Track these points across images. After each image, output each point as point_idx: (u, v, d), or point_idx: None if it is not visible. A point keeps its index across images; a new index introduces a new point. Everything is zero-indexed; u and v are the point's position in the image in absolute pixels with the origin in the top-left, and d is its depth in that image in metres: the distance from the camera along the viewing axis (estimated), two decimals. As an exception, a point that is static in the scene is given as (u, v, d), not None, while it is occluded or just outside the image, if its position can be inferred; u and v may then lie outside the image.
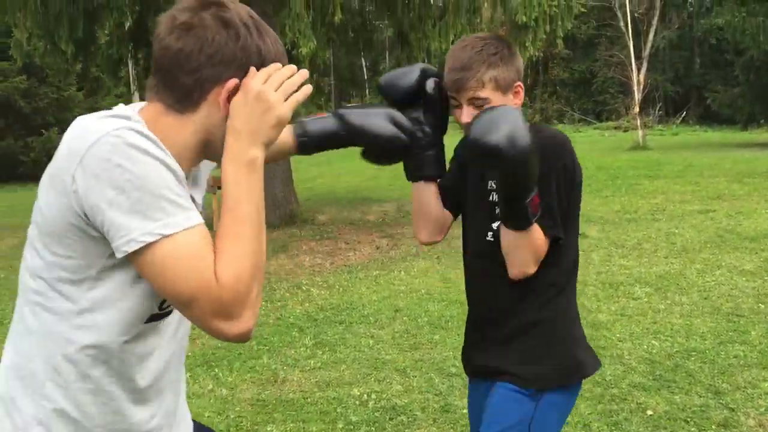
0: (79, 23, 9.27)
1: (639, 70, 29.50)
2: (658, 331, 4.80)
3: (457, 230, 2.10)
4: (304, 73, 1.19)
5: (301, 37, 8.38)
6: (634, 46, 26.27)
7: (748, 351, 4.32)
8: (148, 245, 1.00)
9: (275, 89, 1.14)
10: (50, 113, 23.18)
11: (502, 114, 1.58)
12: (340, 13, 8.63)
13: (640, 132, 22.73)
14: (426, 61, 11.14)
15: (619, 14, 34.09)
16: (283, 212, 10.03)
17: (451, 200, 1.97)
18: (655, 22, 39.11)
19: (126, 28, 10.69)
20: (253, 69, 1.14)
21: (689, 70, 41.95)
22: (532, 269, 1.74)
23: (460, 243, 7.07)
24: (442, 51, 10.48)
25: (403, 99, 1.80)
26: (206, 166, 1.36)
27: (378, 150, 1.61)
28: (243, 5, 1.17)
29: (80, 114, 1.19)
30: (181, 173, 1.08)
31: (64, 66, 11.46)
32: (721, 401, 3.65)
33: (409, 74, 1.80)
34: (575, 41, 38.38)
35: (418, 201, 1.98)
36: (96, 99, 25.39)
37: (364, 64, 54.59)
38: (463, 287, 2.06)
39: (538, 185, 1.66)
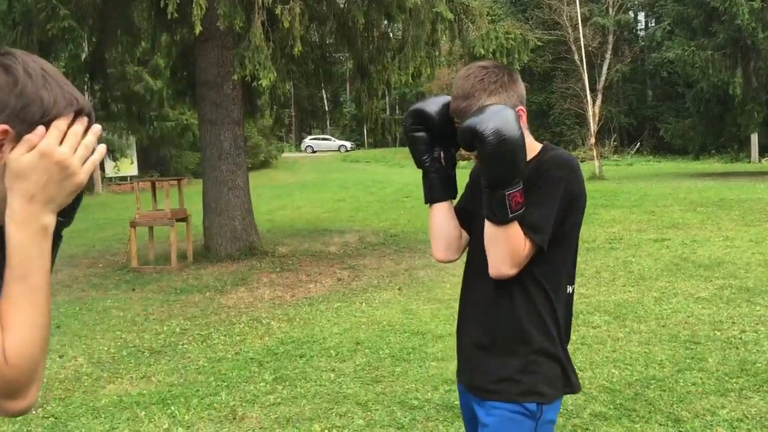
0: (34, 54, 9.12)
1: (594, 102, 30.21)
2: (617, 359, 4.83)
3: (416, 260, 2.08)
4: (97, 129, 1.10)
5: (261, 69, 8.37)
6: (588, 79, 26.91)
7: (706, 378, 4.37)
8: None
9: (76, 153, 1.06)
10: (3, 145, 22.68)
11: (496, 108, 1.72)
12: (300, 45, 8.66)
13: (596, 162, 23.20)
14: (386, 92, 11.24)
15: (574, 48, 34.97)
16: (243, 244, 9.92)
17: (465, 221, 2.02)
18: (608, 56, 40.23)
19: (82, 59, 10.57)
20: (41, 128, 1.04)
21: (642, 103, 43.15)
22: (508, 269, 1.77)
23: (421, 274, 7.09)
24: (402, 83, 10.59)
25: (429, 125, 1.94)
26: None
27: None
28: (40, 59, 1.10)
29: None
30: None
31: (18, 98, 11.19)
32: (680, 429, 3.66)
33: (435, 103, 1.94)
34: (532, 74, 39.22)
35: (432, 222, 2.04)
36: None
37: (324, 95, 54.98)
38: (424, 318, 2.04)
39: (539, 193, 1.76)
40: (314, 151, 48.20)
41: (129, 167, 27.94)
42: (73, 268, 9.77)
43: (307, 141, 50.78)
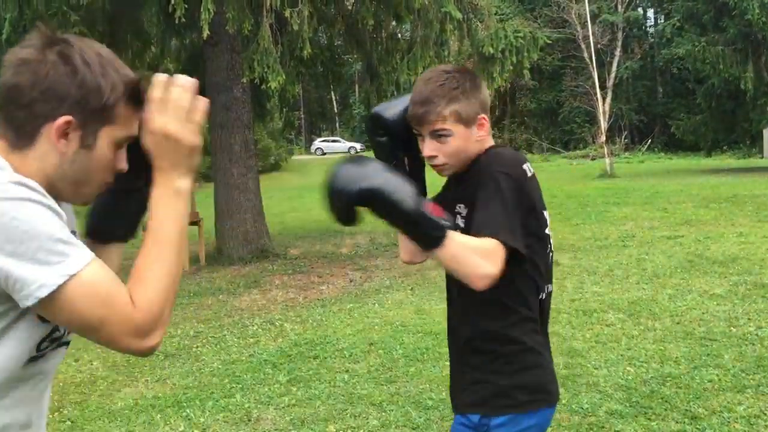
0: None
1: (604, 99, 30.11)
2: (632, 357, 4.80)
3: (427, 260, 2.07)
4: (191, 85, 1.21)
5: (269, 71, 8.39)
6: (598, 76, 26.81)
7: (722, 375, 4.34)
8: (59, 287, 1.05)
9: (176, 119, 1.18)
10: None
11: (345, 169, 1.59)
12: (309, 47, 8.67)
13: (607, 160, 23.11)
14: (395, 93, 11.23)
15: (583, 46, 34.87)
16: (255, 247, 9.94)
17: None
18: (617, 53, 40.08)
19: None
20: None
21: (653, 99, 42.95)
22: (481, 283, 1.58)
23: (433, 274, 7.07)
24: (411, 83, 10.56)
25: (390, 130, 1.82)
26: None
27: None
28: (95, 43, 1.17)
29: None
30: (62, 213, 1.10)
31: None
32: (697, 426, 3.64)
33: (396, 106, 1.82)
34: (541, 72, 39.13)
35: None
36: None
37: (333, 97, 55.06)
38: (437, 318, 2.05)
39: (481, 191, 1.65)
40: (324, 153, 48.19)
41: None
42: (86, 272, 9.82)
43: (317, 143, 50.81)
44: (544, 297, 1.83)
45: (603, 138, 26.31)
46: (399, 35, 11.57)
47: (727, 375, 4.33)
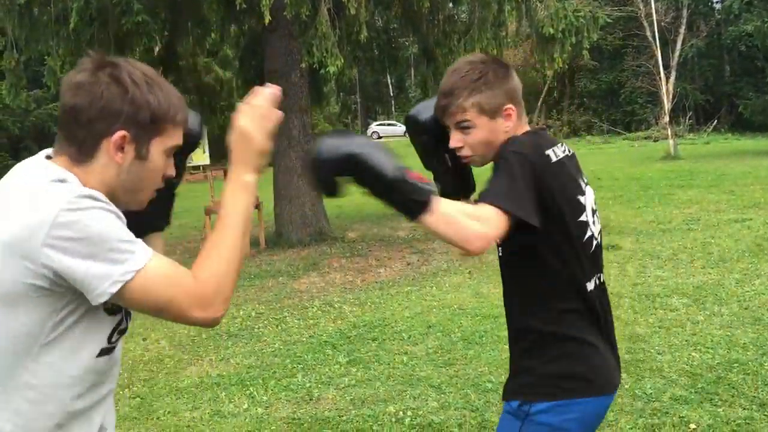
0: (110, 49, 9.44)
1: (668, 79, 29.21)
2: (697, 342, 4.69)
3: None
4: (271, 96, 1.41)
5: (328, 56, 8.44)
6: (661, 55, 26.01)
7: (793, 362, 4.21)
8: (129, 281, 1.19)
9: (253, 122, 1.37)
10: (83, 138, 23.64)
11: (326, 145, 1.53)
12: (366, 31, 8.67)
13: (671, 141, 22.46)
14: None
15: (646, 24, 33.87)
16: (313, 230, 10.06)
17: None
18: (682, 30, 38.75)
19: (155, 52, 10.89)
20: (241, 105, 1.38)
21: (719, 78, 41.38)
22: (474, 244, 1.50)
23: (491, 257, 6.99)
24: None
25: (429, 130, 1.87)
26: None
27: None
28: (141, 64, 1.31)
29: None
30: (123, 216, 1.24)
31: (96, 91, 11.57)
32: (765, 413, 3.55)
33: (432, 107, 1.85)
34: (601, 52, 38.15)
35: None
36: (127, 123, 25.83)
37: (389, 81, 54.89)
38: (495, 301, 2.06)
39: (492, 172, 1.65)
40: (380, 137, 48.20)
41: (201, 157, 28.52)
42: (151, 255, 10.11)
43: (373, 127, 50.85)
44: (592, 288, 1.77)
45: (666, 119, 25.59)
46: (456, 17, 11.47)
47: (798, 362, 4.20)
